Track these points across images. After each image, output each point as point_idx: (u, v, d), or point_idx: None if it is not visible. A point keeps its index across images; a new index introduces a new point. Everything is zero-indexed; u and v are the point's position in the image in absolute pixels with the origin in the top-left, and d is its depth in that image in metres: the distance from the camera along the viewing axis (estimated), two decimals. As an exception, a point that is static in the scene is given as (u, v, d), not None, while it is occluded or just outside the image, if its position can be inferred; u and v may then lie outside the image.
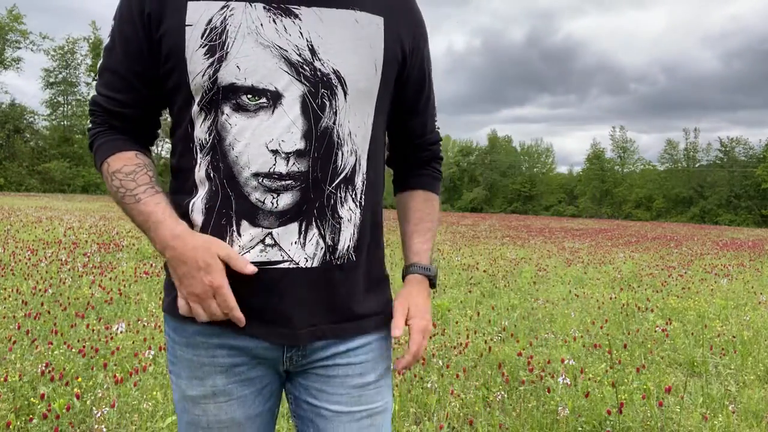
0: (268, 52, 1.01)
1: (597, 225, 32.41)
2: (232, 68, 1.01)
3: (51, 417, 2.78)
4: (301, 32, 1.03)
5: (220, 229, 1.05)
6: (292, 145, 1.02)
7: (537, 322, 5.77)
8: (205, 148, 1.05)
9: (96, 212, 20.27)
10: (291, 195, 1.04)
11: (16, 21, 52.33)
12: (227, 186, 1.04)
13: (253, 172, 1.02)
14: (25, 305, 5.06)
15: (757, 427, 3.32)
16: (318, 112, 1.04)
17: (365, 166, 1.11)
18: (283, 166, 1.02)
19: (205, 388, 1.11)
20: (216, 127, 1.04)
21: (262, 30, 1.01)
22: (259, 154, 1.02)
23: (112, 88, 1.10)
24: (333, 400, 1.13)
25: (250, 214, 1.04)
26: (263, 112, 1.02)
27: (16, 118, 51.55)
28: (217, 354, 1.10)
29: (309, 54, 1.03)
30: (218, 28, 1.01)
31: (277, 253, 1.05)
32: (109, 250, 9.35)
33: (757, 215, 51.75)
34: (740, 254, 14.92)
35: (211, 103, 1.03)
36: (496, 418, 3.19)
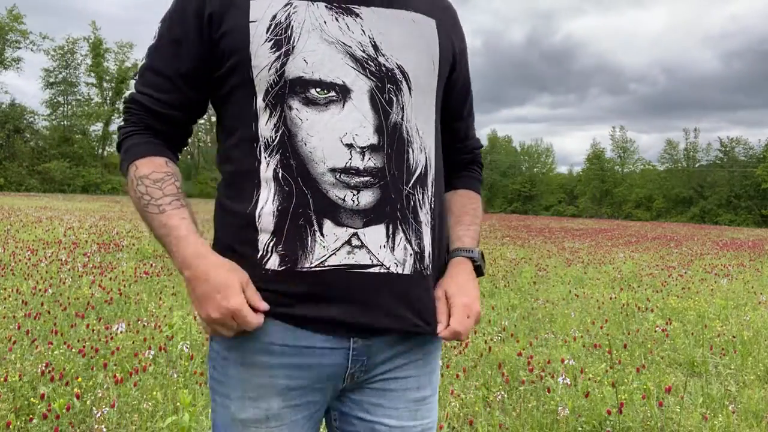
0: (333, 48, 1.01)
1: (597, 225, 32.41)
2: (299, 62, 1.00)
3: (51, 417, 2.78)
4: (363, 30, 1.04)
5: (299, 231, 0.99)
6: (366, 139, 1.01)
7: (537, 322, 5.77)
8: (271, 146, 1.01)
9: (96, 212, 20.27)
10: (371, 193, 1.00)
11: (16, 21, 52.29)
12: (302, 184, 0.99)
13: (329, 167, 0.99)
14: (25, 305, 5.06)
15: (757, 427, 3.32)
16: (386, 107, 1.03)
17: (434, 166, 1.11)
18: (359, 161, 1.00)
19: (258, 410, 1.05)
20: (284, 123, 1.01)
21: (326, 27, 1.02)
22: (335, 148, 0.99)
23: (156, 89, 1.08)
24: (390, 414, 1.10)
25: (331, 212, 0.99)
26: (334, 105, 1.00)
27: (16, 118, 51.53)
28: (275, 374, 1.04)
29: (372, 50, 1.03)
30: (283, 24, 1.01)
31: (365, 256, 1.00)
32: (109, 250, 9.35)
33: (757, 215, 51.72)
34: (740, 254, 14.92)
35: (277, 98, 1.00)
36: (496, 418, 3.19)
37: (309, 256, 0.99)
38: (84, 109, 57.04)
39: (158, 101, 1.08)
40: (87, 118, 56.60)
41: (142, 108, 1.09)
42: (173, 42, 1.06)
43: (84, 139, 55.63)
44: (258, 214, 1.01)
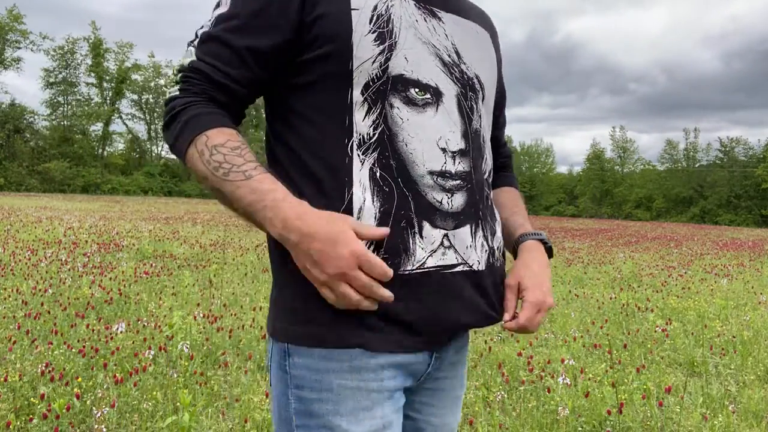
0: (425, 48, 1.00)
1: (597, 225, 32.41)
2: (401, 59, 0.97)
3: (51, 417, 2.78)
4: (446, 34, 1.04)
5: (401, 233, 0.96)
6: (456, 144, 1.01)
7: (537, 322, 5.76)
8: (368, 144, 0.96)
9: (96, 212, 20.27)
10: (462, 195, 1.02)
11: (16, 21, 52.32)
12: (402, 185, 0.97)
13: (428, 170, 0.98)
14: (25, 305, 5.06)
15: (757, 427, 3.32)
16: (470, 113, 1.05)
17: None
18: (452, 165, 1.00)
19: (374, 420, 0.97)
20: (385, 121, 0.96)
21: (419, 26, 1.00)
22: (432, 151, 0.99)
23: (223, 61, 0.97)
24: (436, 413, 1.12)
25: (429, 214, 0.98)
26: (429, 108, 0.99)
27: (16, 118, 51.53)
28: (384, 376, 0.98)
29: (456, 56, 1.04)
30: (384, 16, 0.97)
31: (453, 256, 1.01)
32: (109, 250, 9.35)
33: (757, 215, 51.72)
34: (740, 254, 14.92)
35: (378, 94, 0.96)
36: (496, 418, 3.19)
37: (411, 258, 0.97)
38: (84, 109, 57.04)
39: (223, 73, 0.98)
40: (87, 118, 56.61)
41: (205, 78, 0.98)
42: (250, 14, 0.97)
43: (84, 139, 55.62)
44: (355, 214, 0.95)
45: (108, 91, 59.06)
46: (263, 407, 3.14)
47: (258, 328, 4.73)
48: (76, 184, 48.73)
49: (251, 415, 3.07)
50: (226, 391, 3.46)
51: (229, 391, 3.47)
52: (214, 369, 3.81)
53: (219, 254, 9.66)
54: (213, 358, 4.04)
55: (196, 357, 3.88)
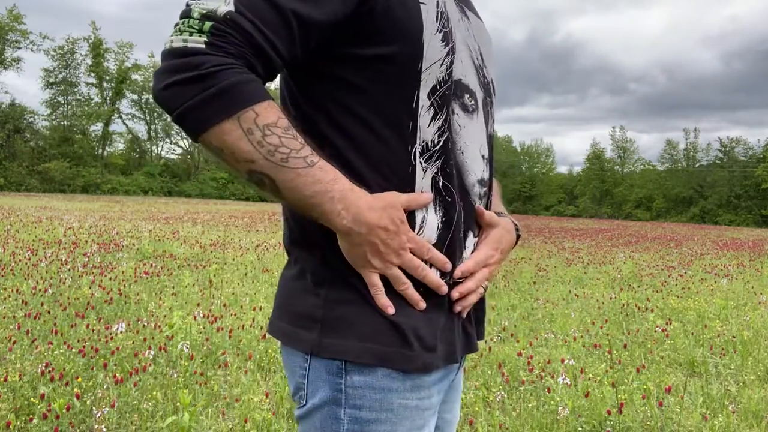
0: (467, 51, 0.95)
1: (597, 225, 32.40)
2: (458, 63, 0.91)
3: (51, 417, 2.78)
4: (474, 36, 0.99)
5: (457, 242, 0.93)
6: (485, 150, 0.99)
7: (537, 322, 5.77)
8: (431, 151, 0.89)
9: (96, 212, 20.27)
10: (484, 202, 1.01)
11: (16, 21, 52.27)
12: (459, 195, 0.93)
13: (477, 179, 0.97)
14: (25, 305, 5.06)
15: (757, 427, 3.32)
16: (488, 118, 1.02)
17: None
18: (486, 173, 0.99)
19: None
20: (449, 128, 0.90)
21: (461, 26, 0.94)
22: (478, 158, 0.96)
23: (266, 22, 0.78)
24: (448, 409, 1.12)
25: (473, 223, 0.98)
26: (475, 114, 0.96)
27: (16, 118, 51.50)
28: (434, 392, 0.95)
29: (481, 60, 1.00)
30: (445, 14, 0.90)
31: None
32: (109, 250, 9.35)
33: (757, 215, 51.71)
34: (740, 254, 14.92)
35: (443, 98, 0.89)
36: (496, 418, 3.19)
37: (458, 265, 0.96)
38: (84, 109, 57.00)
39: (267, 40, 0.79)
40: (87, 118, 56.57)
41: (246, 40, 0.78)
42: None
43: (84, 139, 55.58)
44: (417, 225, 0.89)
45: (108, 91, 59.04)
46: (263, 407, 3.14)
47: (258, 328, 4.73)
48: (76, 184, 48.72)
49: (251, 415, 3.07)
50: (226, 391, 3.46)
51: (229, 391, 3.47)
52: (214, 369, 3.81)
53: (219, 254, 9.66)
54: (213, 358, 4.04)
55: (196, 357, 3.88)
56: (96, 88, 58.43)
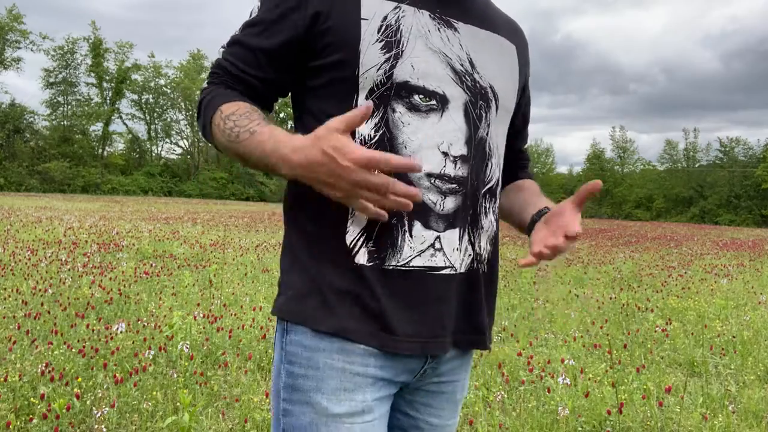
0: (436, 57, 1.04)
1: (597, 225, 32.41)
2: (407, 67, 1.02)
3: (51, 417, 2.78)
4: (461, 44, 1.08)
5: (390, 228, 1.01)
6: (458, 149, 1.05)
7: (537, 322, 5.77)
8: (368, 144, 1.01)
9: (96, 212, 20.27)
10: (454, 199, 1.05)
11: (16, 21, 52.28)
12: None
13: (426, 172, 1.02)
14: (25, 305, 5.06)
15: (757, 427, 3.32)
16: (476, 121, 1.08)
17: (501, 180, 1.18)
18: (452, 169, 1.04)
19: (354, 403, 1.01)
20: (386, 124, 1.02)
21: (430, 36, 1.05)
22: (432, 154, 1.03)
23: (242, 60, 1.07)
24: (435, 413, 1.16)
25: (422, 214, 1.02)
26: (434, 114, 1.04)
27: (16, 118, 51.50)
28: (369, 363, 1.03)
29: (469, 66, 1.08)
30: (393, 26, 1.03)
31: (441, 259, 1.05)
32: (109, 250, 9.35)
33: (757, 215, 51.70)
34: (740, 254, 14.92)
35: (381, 99, 1.01)
36: (496, 418, 3.19)
37: (397, 255, 1.02)
38: (84, 109, 56.98)
39: (241, 70, 1.07)
40: (87, 118, 56.57)
41: (226, 73, 1.08)
42: (269, 21, 1.05)
43: (84, 139, 55.59)
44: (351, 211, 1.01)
45: (108, 91, 59.03)
46: (263, 407, 3.14)
47: (258, 328, 4.73)
48: (76, 184, 48.71)
49: (251, 415, 3.07)
50: (226, 391, 3.46)
51: (229, 391, 3.47)
52: (214, 369, 3.81)
53: (219, 254, 9.67)
54: (213, 358, 4.04)
55: (196, 357, 3.88)
56: (96, 88, 58.45)
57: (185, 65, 62.01)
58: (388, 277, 1.01)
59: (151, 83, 61.42)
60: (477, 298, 1.12)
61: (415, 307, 1.03)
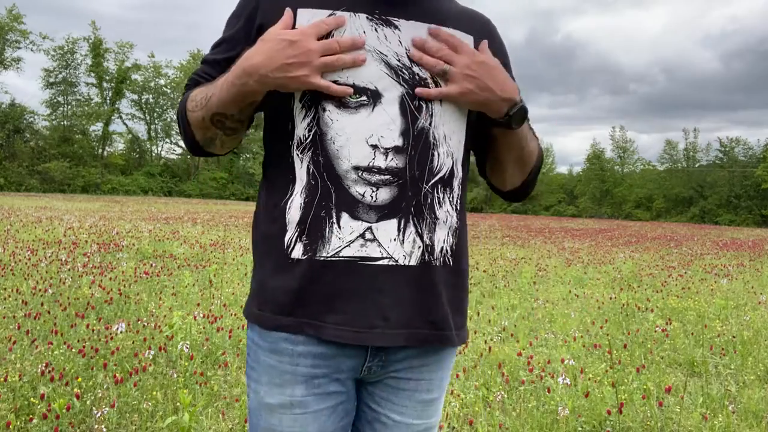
0: (369, 55, 1.08)
1: (597, 225, 32.40)
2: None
3: (51, 417, 2.78)
4: (401, 41, 1.10)
5: (319, 221, 1.07)
6: (391, 141, 1.07)
7: (537, 322, 5.77)
8: (304, 144, 1.09)
9: (96, 212, 20.27)
10: (389, 190, 1.07)
11: (16, 21, 52.27)
12: (327, 178, 1.07)
13: (353, 165, 1.06)
14: (25, 305, 5.06)
15: (757, 427, 3.32)
16: (415, 112, 1.09)
17: (461, 170, 1.17)
18: (382, 161, 1.07)
19: (283, 396, 1.11)
20: (317, 123, 1.08)
21: (365, 37, 1.08)
22: (359, 148, 1.06)
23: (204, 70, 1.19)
24: (397, 410, 1.17)
25: (350, 206, 1.07)
26: (364, 109, 1.07)
27: (16, 118, 51.48)
28: (299, 362, 1.10)
29: (407, 60, 1.10)
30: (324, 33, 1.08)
31: (376, 249, 1.07)
32: (109, 250, 9.35)
33: (757, 215, 51.71)
34: (740, 254, 14.92)
35: (312, 100, 1.08)
36: (496, 418, 3.19)
37: (326, 246, 1.07)
38: (84, 109, 56.96)
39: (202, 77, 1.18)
40: (87, 118, 56.55)
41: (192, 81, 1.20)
42: (226, 41, 1.17)
43: (84, 139, 55.57)
44: (288, 206, 1.09)
45: (108, 91, 59.01)
46: (263, 407, 3.14)
47: (258, 328, 4.73)
48: (76, 184, 48.71)
49: (251, 415, 3.07)
50: (226, 391, 3.46)
51: (229, 391, 3.47)
52: (214, 369, 3.81)
53: (219, 254, 9.66)
54: (213, 358, 4.04)
55: (196, 357, 3.88)
56: (96, 88, 58.44)
57: (185, 65, 61.95)
58: (317, 266, 1.07)
59: (151, 83, 61.42)
60: (434, 293, 1.11)
61: (346, 297, 1.07)
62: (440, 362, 1.19)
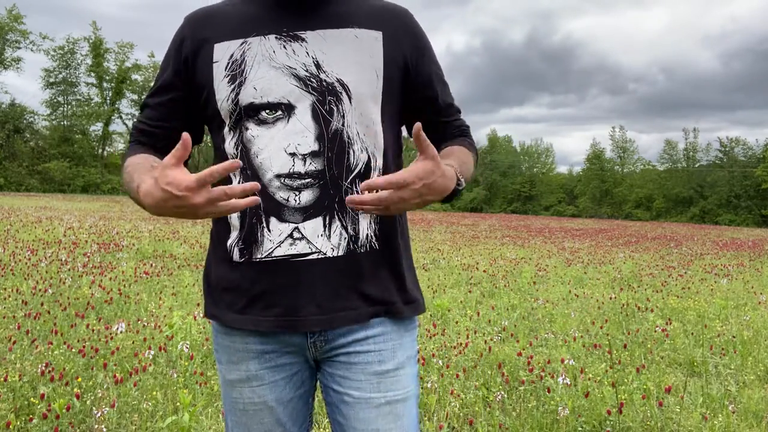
0: (279, 72, 1.17)
1: (597, 225, 32.41)
2: (249, 90, 1.17)
3: (51, 417, 2.78)
4: (308, 52, 1.18)
5: (253, 227, 1.18)
6: (307, 147, 1.16)
7: (537, 322, 5.77)
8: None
9: (96, 212, 20.27)
10: (311, 192, 1.16)
11: (16, 21, 52.28)
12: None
13: (275, 174, 1.16)
14: (25, 305, 5.06)
15: (757, 427, 3.32)
16: (327, 116, 1.17)
17: (380, 161, 1.22)
18: (301, 167, 1.16)
19: (240, 372, 1.25)
20: (242, 141, 1.19)
21: (275, 56, 1.18)
22: (279, 157, 1.16)
23: (146, 117, 1.30)
24: (354, 386, 1.22)
25: (276, 211, 1.17)
26: (280, 122, 1.17)
27: (16, 118, 51.51)
28: (249, 341, 1.23)
29: (315, 68, 1.18)
30: (238, 60, 1.19)
31: (305, 246, 1.17)
32: (109, 250, 9.35)
33: (757, 215, 51.69)
34: (740, 254, 14.93)
35: (237, 123, 1.19)
36: (496, 418, 3.19)
37: (260, 248, 1.18)
38: (84, 109, 56.97)
39: (145, 124, 1.30)
40: (87, 118, 56.56)
41: (136, 131, 1.32)
42: (161, 83, 1.28)
43: (84, 139, 55.58)
44: (229, 217, 1.20)
45: (108, 91, 58.99)
46: (263, 407, 3.14)
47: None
48: (76, 184, 48.71)
49: (251, 415, 3.06)
50: (226, 391, 3.46)
51: (229, 391, 3.47)
52: (214, 369, 3.81)
53: (219, 254, 9.65)
54: (213, 358, 4.04)
55: (196, 357, 3.88)
56: (96, 88, 58.43)
57: (185, 65, 61.94)
58: (254, 268, 1.18)
59: (151, 83, 61.11)
60: (363, 274, 1.20)
61: (281, 291, 1.17)
62: (388, 333, 1.23)
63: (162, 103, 1.28)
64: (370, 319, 1.21)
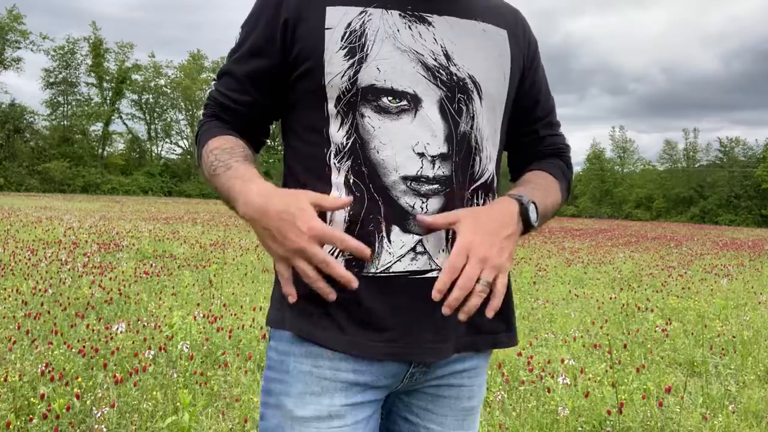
0: (405, 56, 1.02)
1: (597, 225, 32.41)
2: (372, 70, 1.01)
3: (51, 417, 2.78)
4: (435, 38, 1.04)
5: (368, 236, 0.99)
6: (437, 148, 1.01)
7: (537, 322, 5.77)
8: (342, 153, 1.02)
9: (96, 212, 20.27)
10: (438, 200, 1.01)
11: (16, 21, 52.32)
12: (374, 190, 1.00)
13: (401, 176, 1.00)
14: (25, 305, 5.06)
15: (757, 427, 3.32)
16: (456, 116, 1.03)
17: (495, 173, 1.11)
18: (430, 170, 1.01)
19: (320, 407, 1.00)
20: (356, 131, 1.01)
21: (399, 35, 1.02)
22: (407, 157, 1.00)
23: (228, 88, 1.11)
24: (437, 420, 1.10)
25: (400, 219, 1.00)
26: (405, 115, 1.01)
27: (16, 118, 51.55)
28: (340, 368, 1.01)
29: (444, 59, 1.04)
30: (357, 32, 1.02)
31: (426, 262, 1.01)
32: (109, 250, 9.35)
33: (757, 215, 51.71)
34: (740, 254, 14.93)
35: (348, 105, 1.01)
36: (496, 418, 3.19)
37: (375, 261, 0.99)
38: (84, 109, 57.03)
39: (228, 97, 1.11)
40: (87, 118, 56.61)
41: (216, 104, 1.13)
42: (247, 47, 1.09)
43: (84, 139, 55.64)
44: (329, 219, 1.00)
45: (108, 91, 59.05)
46: (263, 407, 3.14)
47: (258, 328, 4.73)
48: (76, 184, 48.73)
49: (251, 415, 3.07)
50: (226, 391, 3.46)
51: (229, 391, 3.47)
52: (214, 369, 3.81)
53: (219, 254, 9.66)
54: (213, 358, 4.04)
55: (196, 357, 3.88)
56: (96, 88, 58.51)
57: (185, 65, 62.03)
58: (365, 282, 0.98)
59: (151, 83, 61.42)
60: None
61: (393, 312, 0.99)
62: (480, 368, 1.13)
63: (247, 72, 1.09)
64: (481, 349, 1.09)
